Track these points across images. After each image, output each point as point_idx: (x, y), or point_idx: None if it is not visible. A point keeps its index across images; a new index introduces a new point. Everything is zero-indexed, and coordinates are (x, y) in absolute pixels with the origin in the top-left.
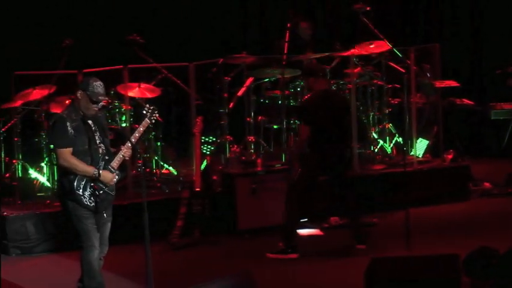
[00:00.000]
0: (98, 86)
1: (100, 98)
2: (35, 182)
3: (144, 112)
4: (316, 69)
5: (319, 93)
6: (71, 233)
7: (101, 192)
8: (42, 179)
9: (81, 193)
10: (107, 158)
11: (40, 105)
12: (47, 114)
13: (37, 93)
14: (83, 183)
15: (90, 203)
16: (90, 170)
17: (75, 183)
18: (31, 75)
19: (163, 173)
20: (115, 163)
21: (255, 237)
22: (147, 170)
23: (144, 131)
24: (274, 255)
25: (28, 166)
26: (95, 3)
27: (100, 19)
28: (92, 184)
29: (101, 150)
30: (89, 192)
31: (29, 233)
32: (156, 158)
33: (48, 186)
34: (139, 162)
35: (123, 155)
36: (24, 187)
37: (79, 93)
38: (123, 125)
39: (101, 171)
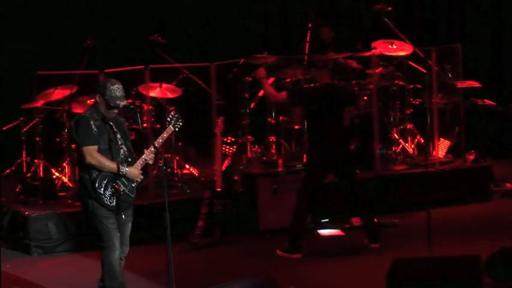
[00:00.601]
0: (116, 89)
1: (118, 102)
2: (56, 182)
3: (168, 119)
4: (316, 60)
5: (321, 86)
6: (92, 233)
7: (121, 192)
8: (64, 179)
9: (102, 192)
10: (129, 160)
11: (62, 105)
12: (68, 114)
13: (59, 93)
14: (105, 182)
15: (111, 202)
16: (116, 166)
17: (97, 182)
18: (53, 75)
19: (184, 173)
20: (138, 165)
21: (276, 237)
22: (169, 170)
23: (168, 138)
24: (282, 253)
25: (50, 166)
26: (117, 3)
27: (121, 19)
28: (113, 184)
29: (122, 151)
30: (110, 192)
31: (51, 233)
32: (177, 158)
33: (70, 186)
34: (161, 162)
35: (145, 158)
36: (46, 187)
37: (97, 97)
38: (144, 125)
39: (127, 169)
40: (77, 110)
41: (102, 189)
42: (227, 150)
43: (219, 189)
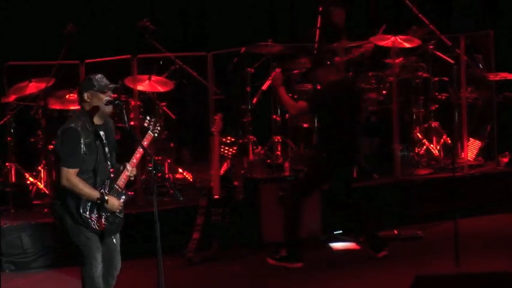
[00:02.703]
0: (101, 78)
1: (110, 86)
2: (30, 188)
3: (146, 125)
4: (322, 56)
5: (332, 85)
6: (72, 246)
7: (109, 214)
8: (39, 185)
9: (88, 216)
10: (112, 175)
11: (37, 100)
12: (44, 111)
13: (33, 87)
14: (89, 204)
15: (98, 226)
16: (96, 194)
17: (81, 206)
18: (26, 66)
19: (177, 178)
20: (121, 181)
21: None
22: (159, 174)
23: (149, 145)
24: (276, 262)
25: (23, 170)
26: None
27: (106, 2)
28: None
29: (108, 168)
30: (97, 215)
31: (25, 246)
32: (169, 161)
33: (46, 193)
34: (150, 165)
35: (129, 173)
36: (19, 194)
37: (86, 95)
38: (131, 123)
39: (107, 198)
40: (54, 106)
41: (87, 212)
42: (226, 152)
43: (216, 197)
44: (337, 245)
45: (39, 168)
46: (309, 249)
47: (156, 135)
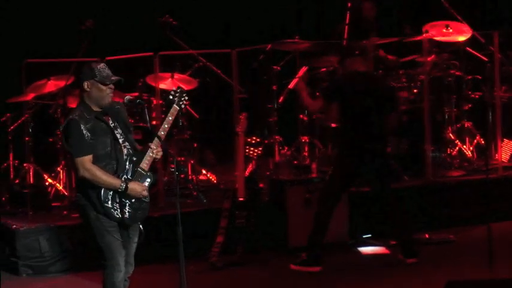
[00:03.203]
0: (104, 68)
1: (113, 78)
2: (49, 190)
3: (171, 97)
4: (352, 46)
5: (355, 75)
6: (92, 249)
7: (133, 200)
8: (58, 186)
9: (110, 205)
10: (134, 159)
11: (56, 98)
12: (63, 110)
13: (52, 85)
14: (111, 192)
15: (123, 214)
16: (116, 182)
17: (102, 194)
18: (45, 64)
19: (200, 179)
20: (144, 164)
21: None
22: (182, 176)
23: (174, 121)
24: (297, 266)
25: (41, 171)
26: None
27: None
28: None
29: (125, 151)
30: (120, 203)
31: (43, 250)
32: (192, 162)
33: (65, 195)
34: (173, 166)
35: (152, 154)
36: (37, 195)
37: (86, 85)
38: (153, 122)
39: (128, 185)
40: (74, 105)
41: (109, 202)
42: (251, 152)
43: (241, 199)
44: (366, 249)
45: (58, 169)
46: (336, 254)
47: (182, 107)
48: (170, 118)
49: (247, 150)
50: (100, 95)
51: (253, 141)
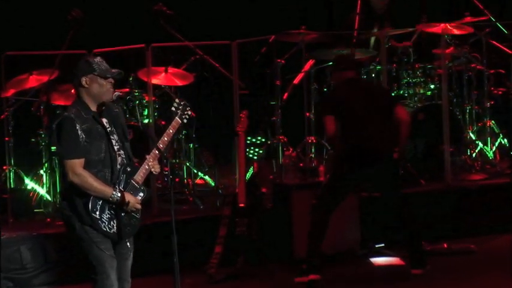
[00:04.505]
0: (102, 61)
1: (113, 71)
2: (31, 195)
3: (173, 109)
4: (339, 58)
5: (344, 82)
6: (79, 260)
7: (123, 214)
8: (41, 191)
9: (98, 216)
10: (128, 169)
11: (38, 95)
12: (46, 107)
13: (34, 80)
14: (100, 202)
15: (110, 228)
16: (108, 191)
17: (90, 204)
18: (26, 57)
19: (197, 183)
20: (139, 176)
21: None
22: (177, 179)
23: (175, 134)
24: (300, 278)
25: (23, 174)
26: None
27: None
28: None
29: (120, 159)
30: (108, 215)
31: (24, 261)
32: (188, 164)
33: (49, 200)
34: (167, 169)
35: (148, 167)
36: (18, 201)
37: (84, 80)
38: (145, 121)
39: (121, 195)
40: (58, 102)
41: (97, 212)
42: (253, 154)
43: (242, 205)
44: (378, 260)
45: (41, 172)
46: (346, 265)
47: (185, 121)
48: (171, 131)
49: (248, 152)
50: (100, 91)
51: (255, 142)
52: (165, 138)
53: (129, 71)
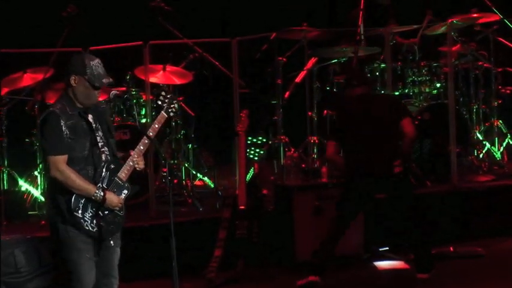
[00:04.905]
0: (97, 65)
1: (104, 80)
2: (25, 197)
3: (159, 103)
4: (354, 76)
5: (354, 99)
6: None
7: (107, 212)
8: (35, 193)
9: (80, 215)
10: (112, 166)
11: (33, 93)
12: (41, 106)
13: (28, 78)
14: (83, 201)
15: (93, 227)
16: (91, 189)
17: (72, 201)
18: (21, 54)
19: (196, 185)
20: (123, 173)
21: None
22: (175, 181)
23: (161, 129)
24: (301, 282)
25: (16, 175)
26: None
27: None
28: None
29: (104, 157)
30: (91, 213)
31: (19, 265)
32: (186, 165)
33: (43, 202)
34: (165, 170)
35: (133, 163)
36: (12, 203)
37: (73, 79)
38: (143, 120)
39: (104, 193)
40: (53, 101)
41: (80, 210)
42: (254, 154)
43: (242, 207)
44: (382, 264)
45: (35, 173)
46: (349, 269)
47: (171, 114)
48: (156, 126)
49: (249, 152)
50: (87, 94)
51: (256, 142)
52: (151, 133)
53: (126, 69)
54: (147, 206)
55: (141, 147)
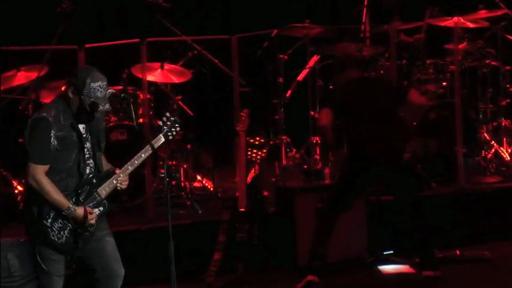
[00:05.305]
0: (98, 88)
1: (100, 107)
2: (19, 199)
3: (161, 123)
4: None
5: (348, 83)
6: (69, 267)
7: (77, 228)
8: None
9: (48, 224)
10: (94, 181)
11: (27, 92)
12: (35, 106)
13: (22, 77)
14: (54, 211)
15: (59, 238)
16: (65, 204)
17: (43, 209)
18: (14, 52)
19: (195, 186)
20: (104, 190)
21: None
22: (174, 182)
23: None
24: (301, 285)
25: (10, 176)
26: None
27: None
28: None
29: (88, 170)
30: (60, 225)
31: (12, 269)
32: (185, 166)
33: None
34: (163, 171)
35: (116, 182)
36: (5, 205)
37: (70, 91)
38: (140, 120)
39: (76, 208)
40: (48, 100)
41: (49, 220)
42: (254, 155)
43: (242, 210)
44: (387, 268)
45: None
46: (353, 273)
47: (170, 138)
48: (142, 155)
49: (249, 153)
50: (76, 108)
51: (257, 142)
52: (136, 161)
53: (122, 67)
54: (144, 208)
55: (129, 167)
